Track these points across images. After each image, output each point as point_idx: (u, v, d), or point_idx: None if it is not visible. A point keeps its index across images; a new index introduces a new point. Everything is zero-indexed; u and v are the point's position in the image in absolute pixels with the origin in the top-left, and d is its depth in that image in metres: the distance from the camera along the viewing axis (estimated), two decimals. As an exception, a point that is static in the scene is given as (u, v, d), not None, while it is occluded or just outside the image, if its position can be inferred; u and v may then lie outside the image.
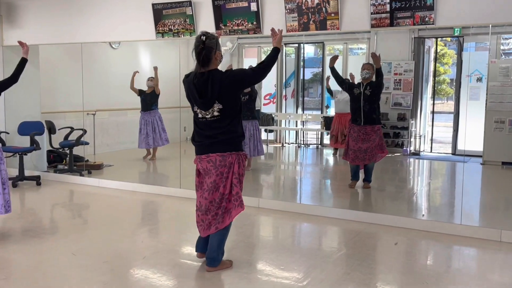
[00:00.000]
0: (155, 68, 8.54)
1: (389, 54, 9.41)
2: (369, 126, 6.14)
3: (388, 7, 4.83)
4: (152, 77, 8.60)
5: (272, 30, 3.73)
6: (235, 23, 5.58)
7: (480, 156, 8.30)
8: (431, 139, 9.70)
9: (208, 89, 3.39)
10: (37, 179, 6.84)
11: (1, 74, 7.17)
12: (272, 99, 11.27)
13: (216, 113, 3.43)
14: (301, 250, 4.36)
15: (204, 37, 3.41)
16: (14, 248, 4.21)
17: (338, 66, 10.51)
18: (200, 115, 3.49)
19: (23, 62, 4.75)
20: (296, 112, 11.17)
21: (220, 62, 3.55)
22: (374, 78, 6.17)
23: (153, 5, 6.00)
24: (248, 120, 7.39)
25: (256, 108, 7.73)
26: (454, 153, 9.18)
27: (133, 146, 8.73)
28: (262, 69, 3.57)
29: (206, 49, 3.39)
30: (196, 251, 3.81)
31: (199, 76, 3.43)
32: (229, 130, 3.47)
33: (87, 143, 7.76)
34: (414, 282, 3.54)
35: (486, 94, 8.37)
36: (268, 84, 11.16)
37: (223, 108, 3.42)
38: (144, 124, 8.56)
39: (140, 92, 8.62)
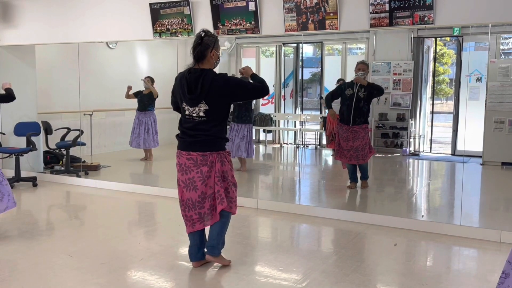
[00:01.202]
0: (147, 81, 8.47)
1: (388, 54, 9.41)
2: (357, 125, 6.14)
3: (387, 7, 4.79)
4: (147, 77, 8.58)
5: (240, 71, 3.93)
6: (233, 22, 5.55)
7: (480, 157, 8.28)
8: (431, 140, 9.69)
9: (198, 86, 3.40)
10: (33, 180, 6.80)
11: (-3, 74, 7.14)
12: (270, 99, 11.24)
13: (201, 114, 3.44)
14: (300, 251, 4.33)
15: (204, 33, 3.47)
16: (10, 249, 4.16)
17: (336, 66, 10.57)
18: (187, 112, 3.50)
19: (8, 91, 4.78)
20: (295, 112, 11.14)
21: (217, 63, 3.57)
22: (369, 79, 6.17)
23: (150, 4, 5.96)
24: (243, 123, 7.35)
25: (252, 108, 7.68)
26: (453, 154, 9.16)
27: (130, 147, 8.70)
28: (260, 87, 3.60)
29: (202, 45, 3.44)
30: (191, 260, 3.75)
31: (193, 72, 3.46)
32: (211, 134, 3.48)
33: (84, 144, 7.72)
34: (413, 284, 3.51)
35: (486, 94, 8.36)
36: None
37: (208, 110, 3.43)
38: (138, 123, 8.57)
39: (137, 93, 8.60)
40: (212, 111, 3.44)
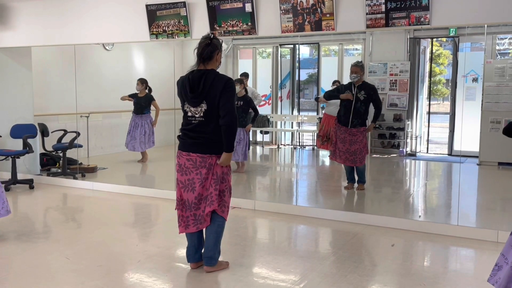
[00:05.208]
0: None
1: (384, 54, 9.43)
2: (355, 128, 6.12)
3: (383, 8, 4.80)
4: (141, 79, 8.53)
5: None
6: (230, 24, 5.55)
7: (476, 157, 8.30)
8: (427, 140, 9.70)
9: (200, 85, 3.42)
10: (30, 183, 6.78)
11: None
12: (267, 101, 11.25)
13: (202, 114, 3.45)
14: (298, 252, 4.33)
15: (212, 35, 3.54)
16: (7, 252, 4.15)
17: (333, 67, 10.59)
18: (189, 114, 3.52)
19: None
20: (292, 113, 11.14)
21: (218, 67, 3.59)
22: (364, 79, 6.17)
23: (146, 6, 5.95)
24: (240, 126, 7.32)
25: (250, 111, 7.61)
26: (450, 154, 9.18)
27: (127, 149, 8.67)
28: (234, 118, 3.43)
29: (211, 45, 3.48)
30: (189, 262, 3.75)
31: (196, 72, 3.49)
32: (212, 136, 3.47)
33: (80, 146, 7.71)
34: (411, 284, 3.51)
35: (482, 94, 8.39)
36: (263, 86, 11.14)
37: (207, 110, 3.43)
38: (134, 126, 8.50)
39: (133, 96, 8.54)
40: (210, 111, 3.44)
